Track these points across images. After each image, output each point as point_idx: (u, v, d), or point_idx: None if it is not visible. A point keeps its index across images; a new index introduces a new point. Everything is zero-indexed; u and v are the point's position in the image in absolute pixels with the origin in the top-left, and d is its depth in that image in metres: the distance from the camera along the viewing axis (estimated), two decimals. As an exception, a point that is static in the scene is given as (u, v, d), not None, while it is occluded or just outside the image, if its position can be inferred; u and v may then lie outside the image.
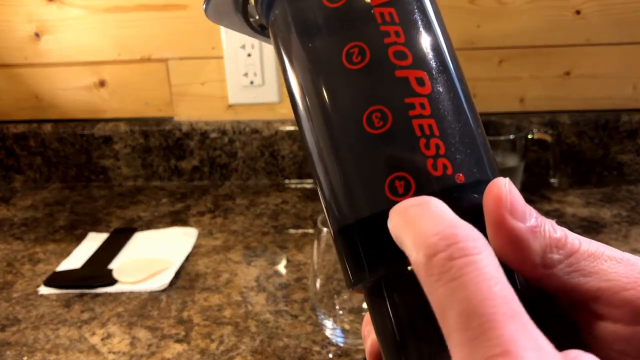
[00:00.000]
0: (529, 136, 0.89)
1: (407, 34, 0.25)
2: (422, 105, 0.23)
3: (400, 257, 0.22)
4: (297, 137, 1.03)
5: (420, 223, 0.20)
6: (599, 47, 0.96)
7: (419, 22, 0.25)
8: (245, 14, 0.30)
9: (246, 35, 0.32)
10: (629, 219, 0.85)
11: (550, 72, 0.98)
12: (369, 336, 0.26)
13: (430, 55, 0.25)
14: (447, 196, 0.22)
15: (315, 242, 0.57)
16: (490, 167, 0.24)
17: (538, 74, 0.99)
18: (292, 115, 0.29)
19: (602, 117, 0.98)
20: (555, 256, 0.21)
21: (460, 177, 0.23)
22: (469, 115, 0.25)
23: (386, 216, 0.23)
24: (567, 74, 0.98)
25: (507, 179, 0.22)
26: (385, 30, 0.24)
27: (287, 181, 1.06)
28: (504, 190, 0.21)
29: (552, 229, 0.22)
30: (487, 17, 0.95)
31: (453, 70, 0.25)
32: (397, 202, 0.23)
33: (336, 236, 0.26)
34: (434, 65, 0.25)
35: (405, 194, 0.23)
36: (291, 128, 1.03)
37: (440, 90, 0.24)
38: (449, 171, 0.23)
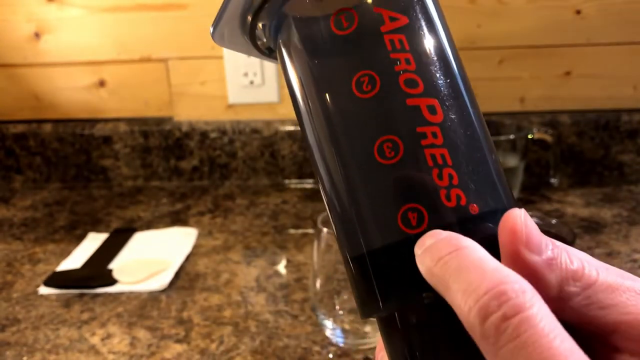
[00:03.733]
0: (529, 136, 0.89)
1: (417, 61, 0.24)
2: (434, 134, 0.23)
3: (414, 290, 0.22)
4: (297, 137, 1.03)
5: (465, 277, 0.19)
6: (599, 47, 0.96)
7: (431, 48, 0.25)
8: (252, 37, 0.29)
9: (253, 56, 0.31)
10: (629, 219, 0.85)
11: (550, 72, 0.98)
12: None
13: (442, 82, 0.24)
14: (462, 228, 0.22)
15: (315, 242, 0.56)
16: (505, 196, 0.24)
17: (538, 73, 0.98)
18: (292, 115, 0.28)
19: (602, 117, 0.98)
20: (572, 288, 0.21)
21: (474, 208, 0.23)
22: (482, 143, 0.24)
23: (400, 248, 0.22)
24: (568, 73, 0.98)
25: (522, 210, 0.22)
26: (395, 58, 0.24)
27: (287, 181, 1.06)
28: (519, 222, 0.21)
29: (569, 260, 0.21)
30: (487, 16, 0.95)
31: (465, 97, 0.25)
32: (410, 234, 0.22)
33: (348, 265, 0.25)
34: (445, 92, 0.24)
35: (418, 226, 0.22)
36: (291, 128, 1.03)
37: (453, 118, 0.24)
38: (463, 202, 0.22)
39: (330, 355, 0.58)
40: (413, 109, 0.23)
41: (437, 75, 0.24)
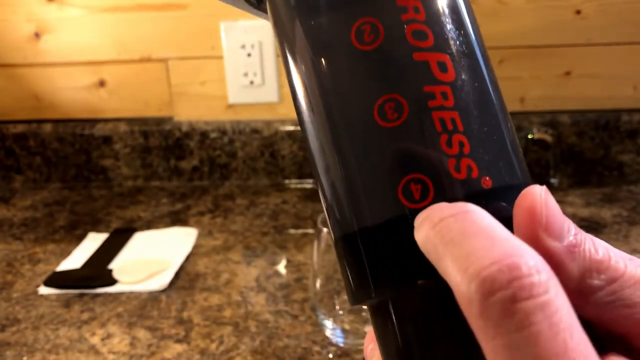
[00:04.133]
0: (530, 136, 0.89)
1: (428, 10, 0.21)
2: (444, 95, 0.20)
3: (412, 275, 0.19)
4: (297, 136, 1.03)
5: (468, 243, 0.16)
6: (599, 47, 0.96)
7: None
8: None
9: (243, 10, 0.28)
10: (630, 219, 0.85)
11: (550, 72, 0.98)
12: (373, 356, 0.23)
13: (454, 36, 0.21)
14: (472, 203, 0.19)
15: (315, 242, 0.56)
16: (522, 171, 0.21)
17: (538, 73, 0.98)
18: (292, 115, 0.26)
19: (602, 117, 0.98)
20: (595, 282, 0.18)
21: (487, 182, 0.20)
22: (497, 109, 0.21)
23: (398, 225, 0.20)
24: (568, 73, 0.98)
25: (543, 187, 0.19)
26: (402, 5, 0.21)
27: (287, 181, 1.06)
28: (538, 201, 0.18)
29: (594, 248, 0.18)
30: (487, 16, 0.95)
31: (480, 56, 0.22)
32: (412, 209, 0.19)
33: (337, 244, 0.22)
34: (458, 48, 0.21)
35: (422, 200, 0.20)
36: (291, 128, 1.03)
37: (466, 78, 0.21)
38: (474, 174, 0.20)
39: (330, 355, 0.58)
40: (421, 64, 0.20)
41: (450, 27, 0.21)
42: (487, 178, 0.20)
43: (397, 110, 0.20)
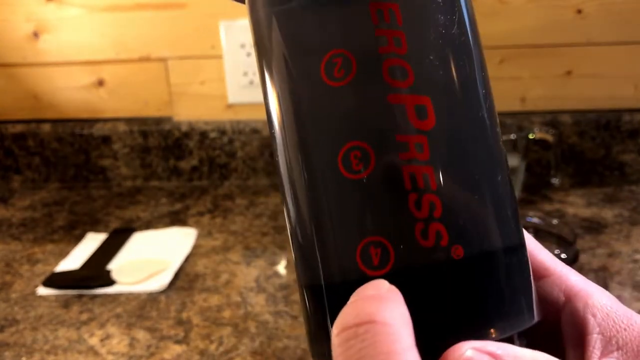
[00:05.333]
0: (530, 136, 0.89)
1: (412, 42, 0.18)
2: (419, 147, 0.17)
3: None
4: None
5: None
6: (600, 46, 0.96)
7: (436, 26, 0.18)
8: None
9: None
10: (631, 219, 0.85)
11: (551, 72, 0.98)
12: None
13: (443, 73, 0.18)
14: (437, 275, 0.17)
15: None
16: (506, 232, 0.19)
17: (539, 73, 0.98)
18: None
19: (603, 117, 0.97)
20: None
21: (458, 251, 0.17)
22: (488, 158, 0.19)
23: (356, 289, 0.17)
24: (569, 73, 0.98)
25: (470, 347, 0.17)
26: (381, 36, 0.18)
27: (286, 181, 1.05)
28: None
29: None
30: (487, 16, 0.95)
31: (479, 92, 0.19)
32: (370, 276, 0.17)
33: (302, 292, 0.20)
34: (445, 88, 0.18)
35: (381, 267, 0.17)
36: (291, 128, 1.02)
37: (451, 124, 0.18)
38: (444, 242, 0.17)
39: (331, 356, 0.57)
40: (395, 108, 0.18)
41: (438, 63, 0.18)
42: (459, 247, 0.18)
43: (363, 161, 0.18)
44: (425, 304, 0.17)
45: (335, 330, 0.16)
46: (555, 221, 0.71)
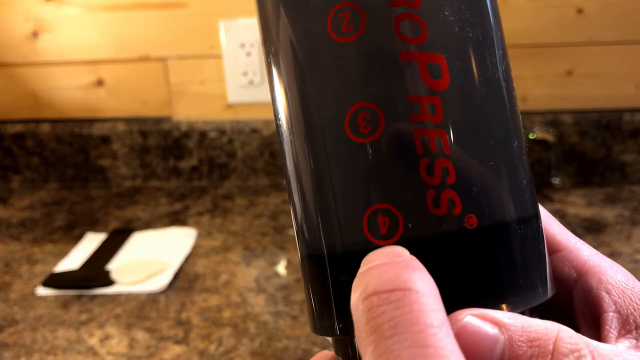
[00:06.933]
0: (531, 136, 0.89)
1: None
2: (432, 109, 0.16)
3: None
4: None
5: (394, 342, 0.14)
6: (601, 46, 0.96)
7: None
8: None
9: None
10: (632, 219, 0.84)
11: (552, 71, 0.98)
12: None
13: (459, 29, 0.17)
14: (448, 246, 0.16)
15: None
16: (521, 202, 0.18)
17: (540, 73, 0.98)
18: None
19: (604, 117, 0.97)
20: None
21: (471, 220, 0.17)
22: (504, 124, 0.17)
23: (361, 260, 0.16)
24: (569, 73, 0.98)
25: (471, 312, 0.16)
26: None
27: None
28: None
29: None
30: (488, 15, 0.95)
31: (496, 54, 0.18)
32: (377, 245, 0.16)
33: (303, 263, 0.19)
34: (463, 46, 0.17)
35: (388, 236, 0.16)
36: (291, 128, 1.02)
37: (466, 86, 0.17)
38: (457, 210, 0.16)
39: (331, 357, 0.57)
40: (407, 66, 0.16)
41: (454, 18, 0.17)
42: (472, 216, 0.17)
43: (372, 123, 0.16)
44: (435, 276, 0.16)
45: (361, 294, 0.15)
46: (556, 221, 0.71)
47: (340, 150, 0.17)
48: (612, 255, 0.74)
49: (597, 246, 0.75)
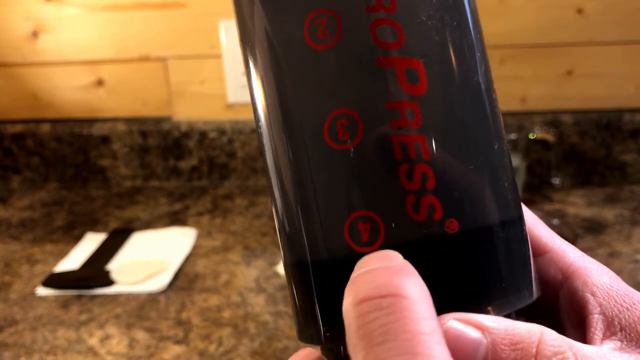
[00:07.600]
0: (531, 136, 0.89)
1: (401, 1, 0.16)
2: (411, 114, 0.16)
3: None
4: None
5: (385, 349, 0.14)
6: (601, 46, 0.96)
7: None
8: None
9: None
10: (632, 219, 0.84)
11: (552, 71, 0.98)
12: None
13: (437, 33, 0.17)
14: (430, 251, 0.16)
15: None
16: (503, 205, 0.18)
17: (540, 73, 0.98)
18: None
19: (604, 117, 0.97)
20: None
21: (452, 225, 0.16)
22: (484, 127, 0.18)
23: (345, 267, 0.16)
24: (569, 73, 0.98)
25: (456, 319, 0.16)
26: None
27: (286, 181, 1.05)
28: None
29: None
30: (488, 15, 0.95)
31: (476, 57, 0.18)
32: (359, 252, 0.16)
33: (287, 271, 0.19)
34: (438, 51, 0.17)
35: (370, 243, 0.16)
36: (291, 127, 1.02)
37: (445, 90, 0.17)
38: (437, 215, 0.16)
39: (331, 357, 0.57)
40: (384, 72, 0.16)
41: (430, 24, 0.17)
42: (453, 220, 0.16)
43: (350, 130, 0.16)
44: None
45: (352, 300, 0.15)
46: (556, 221, 0.71)
47: (320, 157, 0.17)
48: (612, 255, 0.74)
49: (597, 246, 0.75)
